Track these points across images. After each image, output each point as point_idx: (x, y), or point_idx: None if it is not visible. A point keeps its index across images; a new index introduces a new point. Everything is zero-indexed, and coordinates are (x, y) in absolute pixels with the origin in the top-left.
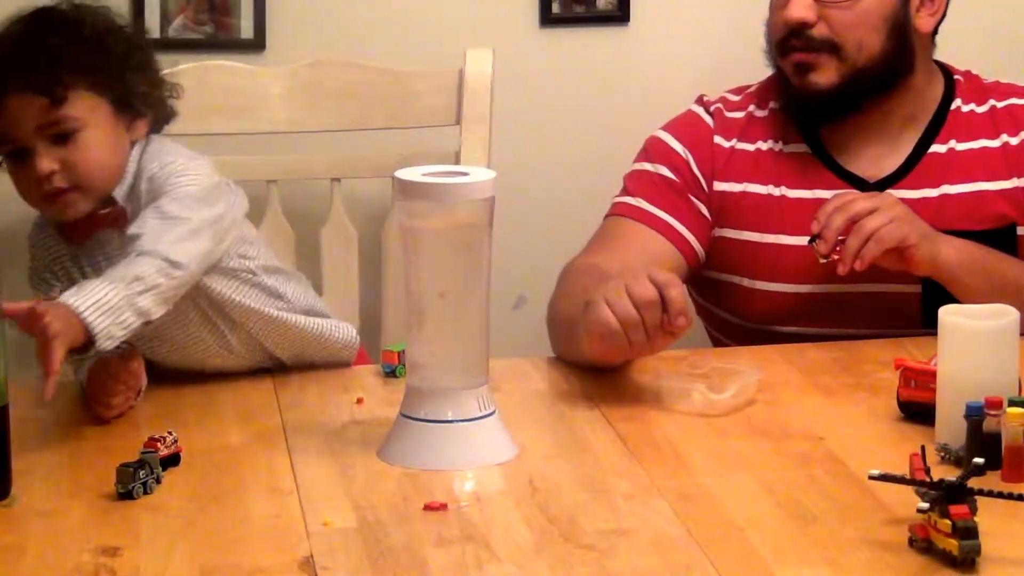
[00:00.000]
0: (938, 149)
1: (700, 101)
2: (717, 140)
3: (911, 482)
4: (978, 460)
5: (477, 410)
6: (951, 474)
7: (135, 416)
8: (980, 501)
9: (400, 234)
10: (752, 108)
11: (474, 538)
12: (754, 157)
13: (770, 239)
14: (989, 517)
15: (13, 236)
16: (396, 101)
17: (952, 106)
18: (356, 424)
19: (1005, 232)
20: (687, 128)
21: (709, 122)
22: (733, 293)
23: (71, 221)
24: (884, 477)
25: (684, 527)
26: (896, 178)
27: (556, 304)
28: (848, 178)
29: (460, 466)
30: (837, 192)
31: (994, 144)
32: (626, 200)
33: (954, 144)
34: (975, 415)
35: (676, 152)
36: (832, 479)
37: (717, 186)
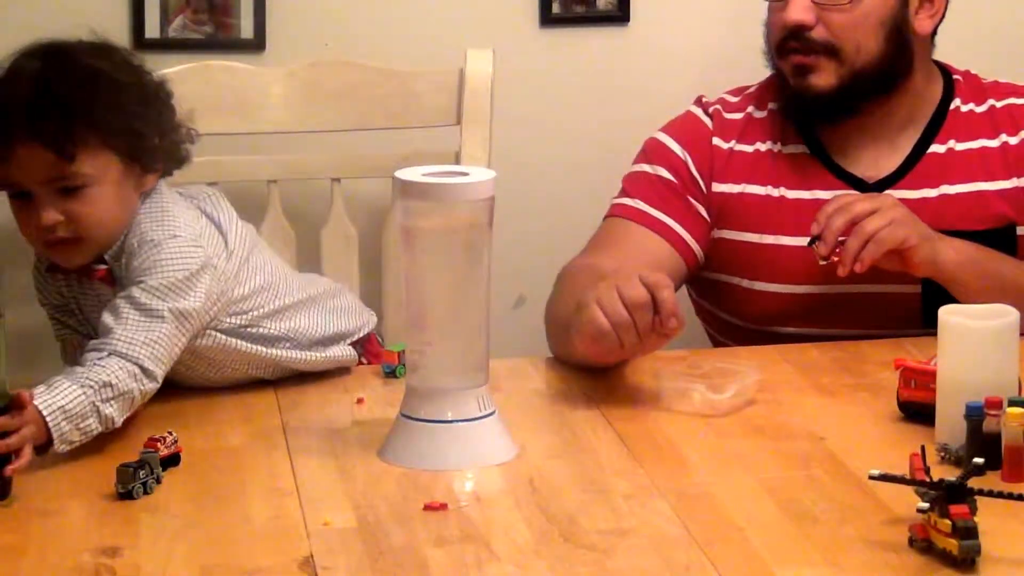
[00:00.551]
0: (937, 149)
1: (699, 102)
2: (716, 141)
3: (911, 482)
4: (978, 460)
5: (477, 410)
6: (951, 474)
7: (135, 416)
8: (980, 501)
9: (400, 234)
10: (751, 109)
11: (474, 538)
12: (753, 158)
13: (769, 240)
14: (989, 517)
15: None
16: (396, 101)
17: (951, 106)
18: (356, 424)
19: (1005, 232)
20: (686, 129)
21: (708, 123)
22: (732, 294)
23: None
24: (884, 477)
25: (684, 527)
26: (895, 178)
27: (553, 305)
28: (847, 179)
29: (460, 466)
30: (837, 193)
31: (993, 144)
32: (624, 201)
33: (953, 144)
34: (975, 415)
35: (675, 153)
36: (832, 479)
37: (716, 187)
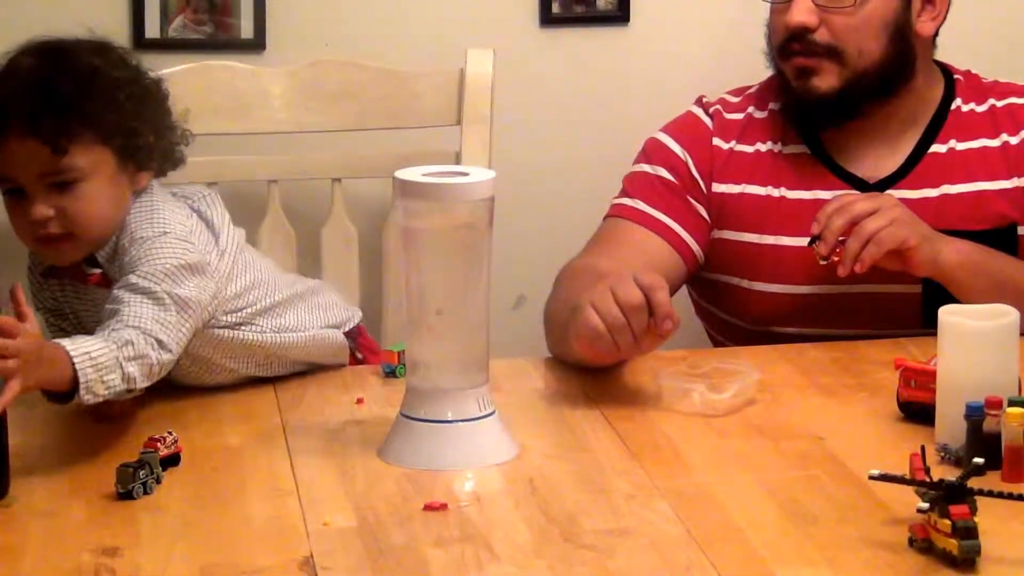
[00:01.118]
0: (938, 149)
1: (699, 102)
2: (716, 142)
3: (911, 482)
4: (978, 460)
5: (477, 410)
6: (951, 474)
7: (135, 416)
8: (980, 501)
9: (400, 234)
10: (751, 109)
11: (474, 538)
12: (753, 158)
13: (769, 240)
14: (989, 517)
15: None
16: (396, 101)
17: (952, 106)
18: (356, 424)
19: (1006, 232)
20: (686, 129)
21: (708, 123)
22: (732, 294)
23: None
24: (884, 477)
25: (684, 527)
26: (896, 178)
27: (551, 305)
28: (848, 179)
29: (460, 466)
30: (837, 193)
31: (994, 144)
32: (624, 202)
33: (954, 144)
34: (975, 415)
35: (675, 154)
36: (832, 479)
37: (716, 187)
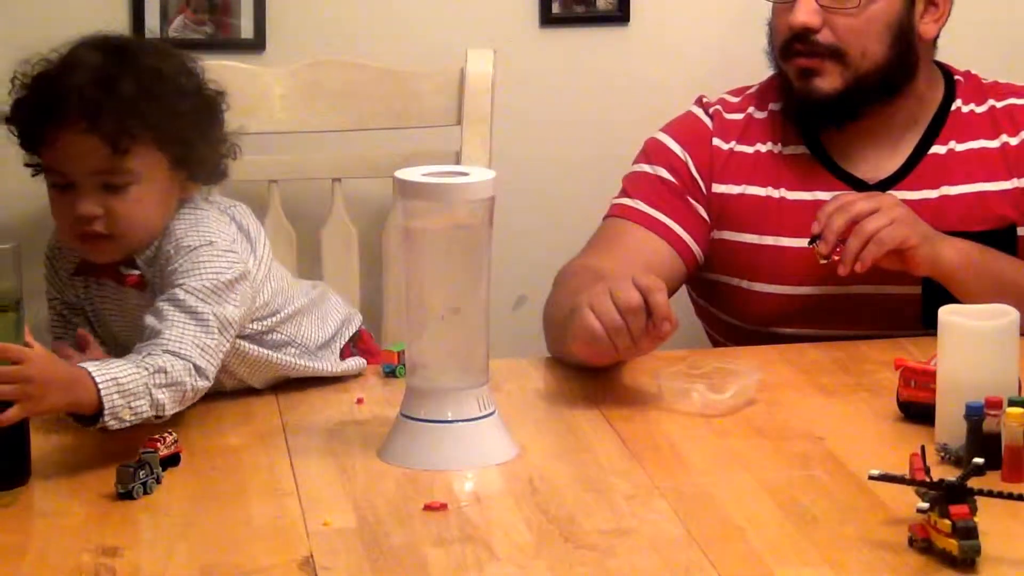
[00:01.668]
0: (938, 150)
1: (699, 102)
2: (716, 142)
3: (911, 482)
4: (978, 460)
5: (477, 410)
6: (951, 474)
7: None
8: (980, 501)
9: (400, 234)
10: (751, 110)
11: (474, 538)
12: (753, 159)
13: (769, 241)
14: (989, 517)
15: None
16: (396, 101)
17: (952, 107)
18: (356, 424)
19: (1005, 233)
20: (686, 129)
21: (708, 124)
22: (732, 295)
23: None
24: (884, 477)
25: (684, 527)
26: (896, 179)
27: (551, 305)
28: (848, 180)
29: (460, 466)
30: (838, 192)
31: (993, 144)
32: (624, 202)
33: (953, 145)
34: (975, 415)
35: (675, 154)
36: (832, 479)
37: (716, 188)
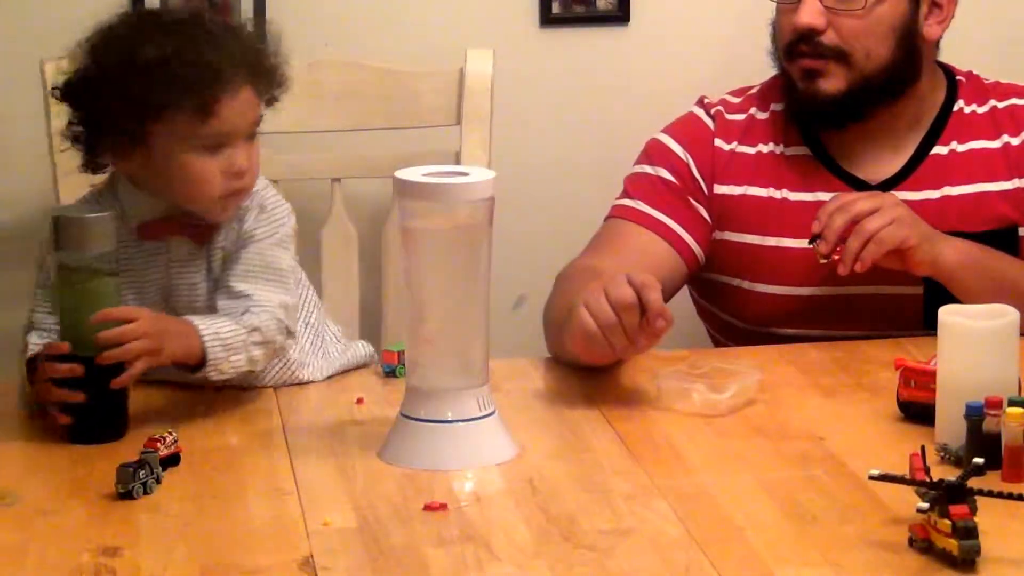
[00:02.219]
0: (940, 151)
1: (701, 103)
2: (718, 143)
3: (911, 482)
4: (978, 460)
5: (477, 410)
6: (951, 474)
7: (135, 416)
8: (980, 501)
9: (400, 234)
10: (753, 110)
11: (474, 538)
12: (754, 160)
13: (771, 242)
14: (989, 517)
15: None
16: (396, 101)
17: (954, 107)
18: (356, 424)
19: (1006, 233)
20: (687, 130)
21: (710, 124)
22: (734, 296)
23: (148, 219)
24: (884, 477)
25: (684, 527)
26: (898, 180)
27: (550, 306)
28: (850, 180)
29: (460, 466)
30: (839, 192)
31: (995, 145)
32: (625, 203)
33: (955, 145)
34: (975, 415)
35: (676, 155)
36: (832, 479)
37: (717, 189)
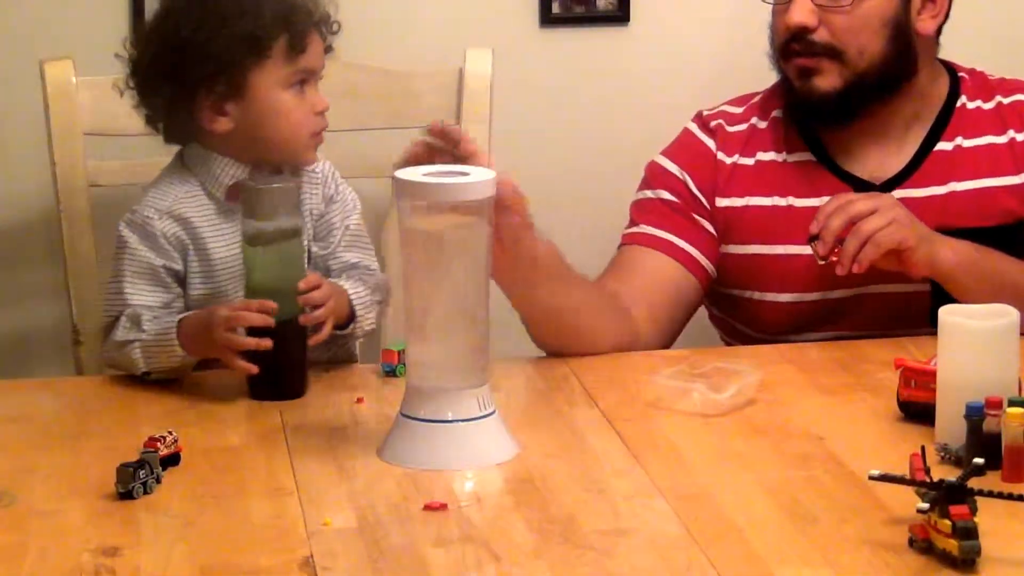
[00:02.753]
0: (944, 147)
1: (698, 118)
2: (720, 157)
3: (911, 482)
4: (978, 460)
5: (477, 410)
6: (951, 474)
7: (135, 416)
8: (980, 501)
9: (400, 234)
10: (754, 120)
11: (474, 538)
12: (755, 170)
13: (779, 250)
14: (989, 517)
15: (19, 229)
16: (396, 101)
17: (957, 103)
18: (356, 424)
19: (1013, 228)
20: (682, 149)
21: (706, 140)
22: (744, 307)
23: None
24: (884, 477)
25: (684, 527)
26: (902, 178)
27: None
28: (853, 181)
29: (460, 466)
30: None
31: (1001, 140)
32: (632, 230)
33: (960, 141)
34: (975, 415)
35: (673, 174)
36: (832, 479)
37: (719, 202)
